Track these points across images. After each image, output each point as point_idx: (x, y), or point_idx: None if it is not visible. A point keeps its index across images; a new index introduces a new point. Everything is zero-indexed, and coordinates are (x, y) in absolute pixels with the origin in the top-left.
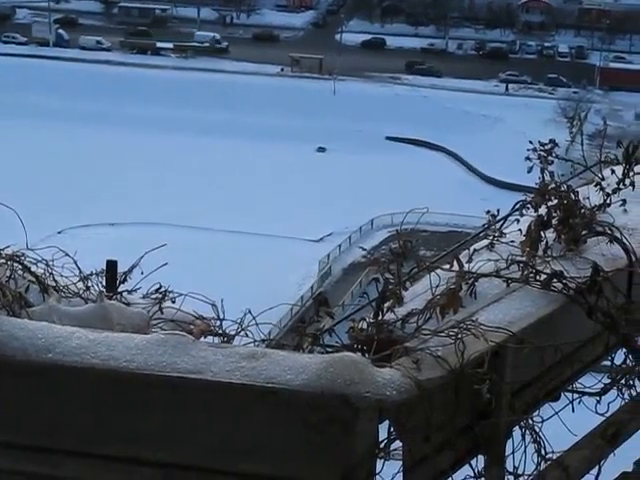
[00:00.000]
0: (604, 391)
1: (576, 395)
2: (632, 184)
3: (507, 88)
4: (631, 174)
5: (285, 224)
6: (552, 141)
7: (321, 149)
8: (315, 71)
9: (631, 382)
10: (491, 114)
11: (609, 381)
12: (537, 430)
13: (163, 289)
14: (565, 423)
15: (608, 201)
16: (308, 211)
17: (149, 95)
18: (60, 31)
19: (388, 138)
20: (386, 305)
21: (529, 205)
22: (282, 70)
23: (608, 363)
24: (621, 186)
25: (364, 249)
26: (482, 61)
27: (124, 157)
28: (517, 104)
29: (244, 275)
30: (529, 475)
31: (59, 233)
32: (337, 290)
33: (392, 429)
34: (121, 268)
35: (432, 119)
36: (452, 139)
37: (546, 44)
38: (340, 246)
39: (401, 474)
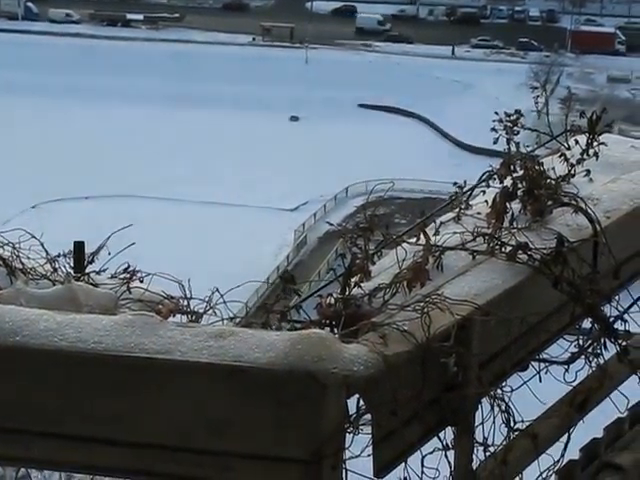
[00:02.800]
0: (572, 360)
1: (544, 365)
2: (595, 154)
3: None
4: (595, 144)
5: (259, 194)
6: (518, 112)
7: (294, 118)
8: (286, 40)
9: (598, 350)
10: (463, 80)
11: (576, 350)
12: (506, 401)
13: (131, 269)
14: (534, 393)
15: (573, 171)
16: (282, 180)
17: (120, 67)
18: (29, 4)
19: (361, 105)
20: (353, 280)
21: (495, 176)
22: (253, 40)
23: (575, 332)
24: (585, 156)
25: (331, 224)
26: (453, 27)
27: (96, 130)
28: (489, 69)
29: (219, 246)
30: (498, 445)
31: (33, 208)
32: (313, 259)
33: (360, 404)
34: (96, 243)
35: (404, 86)
36: (425, 105)
37: (517, 8)
38: (315, 215)
39: (370, 448)
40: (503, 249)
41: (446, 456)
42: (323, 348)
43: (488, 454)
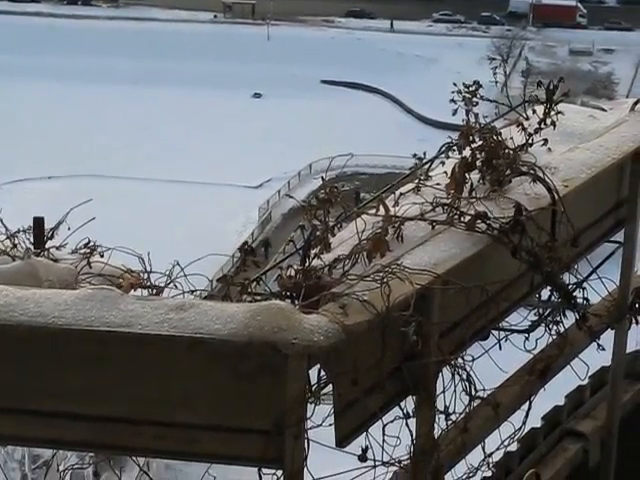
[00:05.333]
0: (532, 328)
1: (504, 333)
2: (553, 123)
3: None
4: (552, 113)
5: (223, 171)
6: (476, 82)
7: (257, 95)
8: (248, 16)
9: (557, 318)
10: (425, 54)
11: (536, 318)
12: (467, 369)
13: (91, 244)
14: (495, 361)
15: (530, 141)
16: (246, 158)
17: (82, 46)
18: None
19: (324, 82)
20: (313, 252)
21: (454, 147)
22: (215, 17)
23: (535, 301)
24: (542, 126)
25: (291, 196)
26: (416, 2)
27: (58, 109)
28: (451, 44)
29: (183, 224)
30: (460, 414)
31: None
32: (278, 236)
33: (321, 374)
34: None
35: (367, 61)
36: (387, 81)
37: None
38: (279, 192)
39: (332, 417)
40: (462, 219)
41: (407, 425)
42: (283, 319)
43: (450, 422)
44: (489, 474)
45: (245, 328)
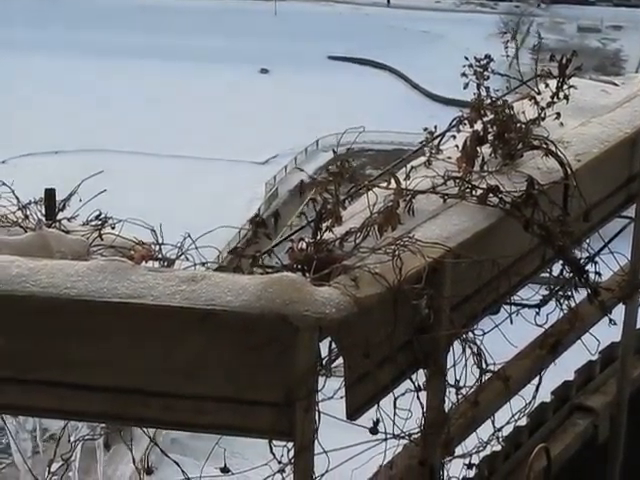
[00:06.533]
0: (543, 303)
1: (515, 307)
2: (566, 97)
3: None
4: (565, 87)
5: (229, 147)
6: (488, 56)
7: (264, 70)
8: None
9: (569, 293)
10: (433, 30)
11: (547, 293)
12: (477, 343)
13: (103, 216)
14: (505, 335)
15: (543, 115)
16: (252, 133)
17: (87, 20)
18: None
19: (331, 57)
20: (325, 225)
21: (465, 121)
22: None
23: (546, 275)
24: (555, 99)
25: (301, 169)
26: None
27: (64, 84)
28: (459, 20)
29: (190, 199)
30: (471, 387)
31: (3, 163)
32: (284, 211)
33: (332, 347)
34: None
35: (374, 37)
36: (395, 57)
37: None
38: (286, 168)
39: (343, 390)
40: (474, 192)
41: (418, 398)
42: (295, 291)
43: (460, 396)
44: (498, 448)
45: (257, 300)
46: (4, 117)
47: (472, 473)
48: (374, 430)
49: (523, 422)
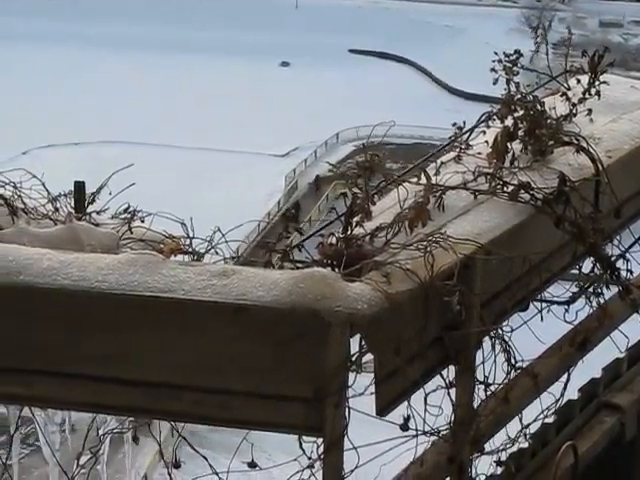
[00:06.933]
0: (572, 300)
1: (545, 304)
2: (597, 93)
3: None
4: (597, 83)
5: (250, 140)
6: (517, 52)
7: (285, 63)
8: None
9: (599, 290)
10: (454, 24)
11: (577, 290)
12: (506, 340)
13: (132, 209)
14: (534, 332)
15: (574, 111)
16: (273, 126)
17: (106, 12)
18: None
19: (351, 51)
20: (354, 220)
21: (495, 116)
22: None
23: (576, 272)
24: (587, 96)
25: (330, 164)
26: None
27: (81, 77)
28: (480, 14)
29: (210, 191)
30: (499, 384)
31: (24, 154)
32: (304, 204)
33: (363, 342)
34: (91, 188)
35: (395, 31)
36: (415, 51)
37: None
38: (306, 160)
39: (373, 386)
40: (505, 188)
41: (449, 395)
42: (326, 286)
43: (489, 393)
44: (525, 445)
45: (288, 295)
46: (24, 108)
47: (499, 470)
48: (405, 427)
49: (550, 419)
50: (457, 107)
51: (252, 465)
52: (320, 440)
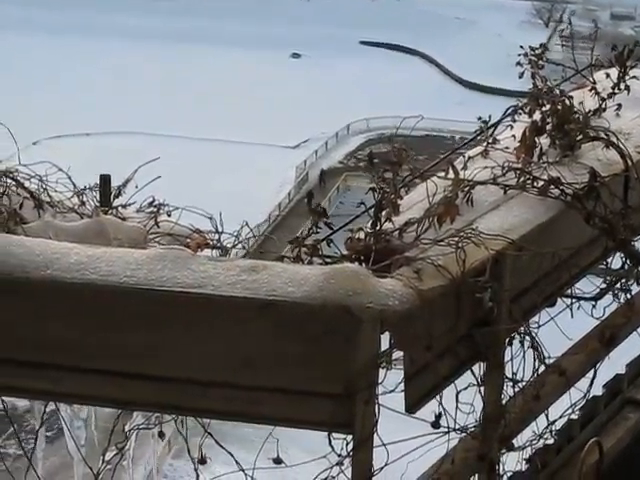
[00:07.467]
0: (600, 296)
1: (573, 300)
2: (627, 88)
3: None
4: (626, 78)
5: (260, 131)
6: (543, 45)
7: (295, 55)
8: None
9: (627, 286)
10: (465, 17)
11: (605, 285)
12: (534, 336)
13: (157, 202)
14: (560, 328)
15: (603, 106)
16: (283, 118)
17: (115, 5)
18: None
19: (362, 42)
20: (383, 214)
21: (521, 110)
22: None
23: (603, 267)
24: (616, 90)
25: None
26: None
27: (89, 67)
28: (491, 6)
29: (219, 182)
30: (528, 380)
31: (34, 144)
32: (315, 196)
33: (393, 339)
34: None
35: (406, 23)
36: (426, 43)
37: None
38: (317, 152)
39: (403, 383)
40: (535, 184)
41: (480, 392)
42: (358, 282)
43: (517, 389)
44: (551, 441)
45: (319, 291)
46: (34, 98)
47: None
48: (436, 424)
49: (574, 415)
50: (468, 99)
51: (277, 461)
52: (350, 437)
